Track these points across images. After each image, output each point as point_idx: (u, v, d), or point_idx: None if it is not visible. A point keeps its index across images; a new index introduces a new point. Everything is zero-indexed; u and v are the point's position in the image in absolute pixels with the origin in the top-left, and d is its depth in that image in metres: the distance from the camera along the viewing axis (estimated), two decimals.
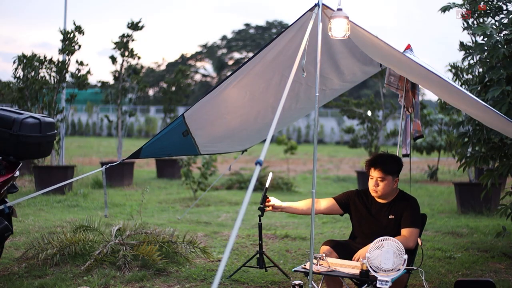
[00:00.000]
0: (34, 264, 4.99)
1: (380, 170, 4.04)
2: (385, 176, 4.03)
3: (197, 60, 50.00)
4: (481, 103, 3.99)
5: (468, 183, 8.98)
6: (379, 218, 4.10)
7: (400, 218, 4.03)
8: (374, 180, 4.07)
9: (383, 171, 4.04)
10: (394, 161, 4.13)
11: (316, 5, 3.60)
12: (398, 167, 4.13)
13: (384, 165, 4.05)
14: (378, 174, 4.04)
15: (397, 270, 3.59)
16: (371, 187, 4.10)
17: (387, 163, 4.07)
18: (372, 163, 4.10)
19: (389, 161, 4.10)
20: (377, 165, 4.05)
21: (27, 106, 9.92)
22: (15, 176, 4.44)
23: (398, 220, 4.04)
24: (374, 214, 4.11)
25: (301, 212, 4.25)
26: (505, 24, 5.31)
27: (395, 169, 4.09)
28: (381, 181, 4.04)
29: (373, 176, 4.07)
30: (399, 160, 4.19)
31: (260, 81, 4.41)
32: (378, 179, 4.04)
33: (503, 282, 4.85)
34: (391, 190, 4.09)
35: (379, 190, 4.06)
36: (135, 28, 11.84)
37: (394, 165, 4.10)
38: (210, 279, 4.86)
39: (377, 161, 4.08)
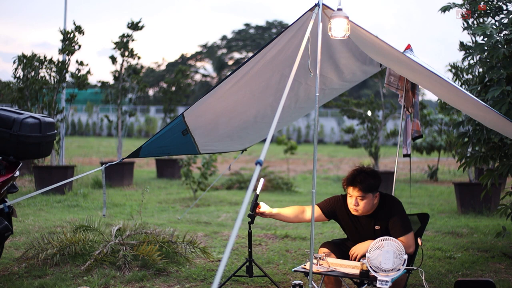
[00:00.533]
0: (34, 264, 4.99)
1: (359, 189, 3.88)
2: (365, 195, 3.90)
3: (197, 60, 49.99)
4: (481, 103, 4.00)
5: (468, 183, 8.98)
6: (365, 229, 4.04)
7: (386, 226, 3.96)
8: (354, 199, 3.92)
9: (363, 190, 3.89)
10: (373, 177, 3.94)
11: (316, 5, 3.60)
12: (377, 183, 3.96)
13: (364, 183, 3.88)
14: (357, 193, 3.90)
15: (397, 270, 3.59)
16: (351, 206, 3.96)
17: (366, 181, 3.89)
18: (351, 182, 3.92)
19: (368, 178, 3.91)
20: (356, 184, 3.89)
21: (27, 106, 9.92)
22: (15, 176, 4.44)
23: (384, 229, 3.97)
24: (360, 224, 4.04)
25: (289, 220, 4.16)
26: (505, 24, 5.31)
27: (375, 185, 3.93)
28: (361, 200, 3.91)
29: (352, 195, 3.93)
30: (377, 175, 4.01)
31: (260, 80, 4.41)
32: (358, 198, 3.91)
33: (503, 282, 4.85)
34: (371, 207, 3.96)
35: (360, 209, 3.93)
36: (135, 28, 11.84)
37: (373, 181, 3.92)
38: (210, 279, 4.86)
39: (356, 180, 3.90)
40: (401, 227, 3.90)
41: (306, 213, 4.16)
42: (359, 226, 4.05)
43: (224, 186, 11.97)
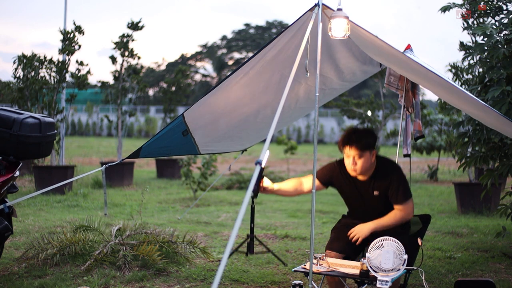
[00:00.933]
0: (34, 264, 5.00)
1: (356, 147, 3.84)
2: (362, 153, 3.85)
3: (197, 60, 50.01)
4: (481, 103, 4.00)
5: (468, 183, 8.98)
6: (364, 195, 3.98)
7: (385, 192, 3.91)
8: (351, 159, 3.88)
9: (360, 148, 3.84)
10: (369, 135, 3.92)
11: (316, 5, 3.60)
12: (374, 140, 3.92)
13: (360, 141, 3.84)
14: (354, 152, 3.85)
15: (397, 270, 3.59)
16: (349, 167, 3.92)
17: (362, 139, 3.85)
18: (346, 141, 3.88)
19: (364, 136, 3.87)
20: (352, 143, 3.85)
21: (27, 106, 9.92)
22: (15, 176, 4.44)
23: (383, 195, 3.92)
24: (359, 189, 3.99)
25: (289, 194, 4.15)
26: (505, 24, 5.31)
27: (371, 143, 3.89)
28: (359, 158, 3.86)
29: (350, 154, 3.88)
30: (372, 133, 3.98)
31: (260, 80, 4.41)
32: (356, 157, 3.86)
33: (503, 282, 4.85)
34: (370, 165, 3.92)
35: (358, 168, 3.88)
36: (135, 28, 11.84)
37: (369, 139, 3.89)
38: (210, 279, 4.87)
39: (352, 138, 3.86)
40: (402, 195, 3.88)
41: (304, 184, 4.13)
42: (357, 189, 3.99)
43: (224, 186, 11.97)
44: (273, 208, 9.22)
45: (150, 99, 43.38)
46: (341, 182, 4.05)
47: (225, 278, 4.93)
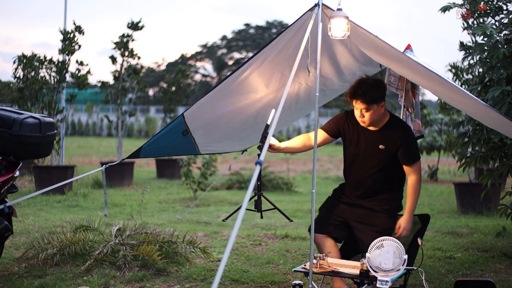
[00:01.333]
0: (34, 264, 5.00)
1: (362, 101, 3.81)
2: (369, 106, 3.83)
3: (197, 60, 50.00)
4: (481, 103, 3.99)
5: (468, 183, 8.98)
6: (369, 147, 3.97)
7: (391, 148, 3.90)
8: (359, 111, 3.87)
9: (366, 101, 3.81)
10: (376, 87, 3.86)
11: (316, 5, 3.60)
12: (382, 92, 3.88)
13: (366, 95, 3.80)
14: (361, 105, 3.83)
15: (397, 270, 3.59)
16: (358, 119, 3.92)
17: (369, 93, 3.81)
18: (353, 94, 3.84)
19: (370, 90, 3.82)
20: (358, 97, 3.81)
21: (27, 106, 9.92)
22: (15, 176, 4.44)
23: (388, 150, 3.92)
24: (364, 141, 3.97)
25: (297, 150, 4.14)
26: (505, 24, 5.31)
27: (379, 95, 3.85)
28: (366, 111, 3.84)
29: (357, 107, 3.87)
30: (381, 85, 3.93)
31: (260, 80, 4.41)
32: (363, 110, 3.85)
33: (503, 282, 4.85)
34: (379, 116, 3.90)
35: (366, 120, 3.88)
36: (135, 28, 11.84)
37: (377, 92, 3.85)
38: (210, 279, 4.87)
39: (358, 92, 3.81)
40: (415, 155, 3.96)
41: (311, 139, 4.11)
42: (363, 139, 3.97)
43: (224, 186, 11.97)
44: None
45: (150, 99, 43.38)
46: (349, 129, 4.02)
47: (225, 278, 4.93)
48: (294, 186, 11.98)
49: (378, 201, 4.05)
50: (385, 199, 4.05)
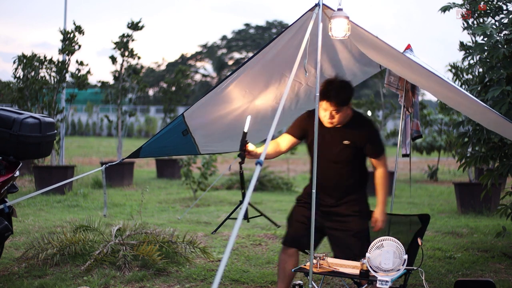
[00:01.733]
0: (34, 264, 4.99)
1: (335, 103, 3.73)
2: (340, 108, 3.77)
3: (197, 60, 49.99)
4: (480, 104, 3.99)
5: (468, 183, 8.98)
6: (332, 143, 3.90)
7: (356, 144, 3.86)
8: (328, 112, 3.78)
9: (339, 104, 3.74)
10: (347, 89, 3.82)
11: (316, 5, 3.60)
12: (351, 94, 3.85)
13: (338, 97, 3.73)
14: (332, 107, 3.75)
15: (397, 270, 3.59)
16: (325, 120, 3.81)
17: (340, 95, 3.74)
18: (325, 96, 3.73)
19: (342, 92, 3.76)
20: (331, 99, 3.73)
21: (27, 106, 9.92)
22: (15, 176, 4.44)
23: (354, 145, 3.87)
24: (327, 138, 3.89)
25: (270, 156, 4.14)
26: (505, 24, 5.31)
27: (349, 97, 3.82)
28: (337, 113, 3.78)
29: (327, 109, 3.77)
30: (350, 86, 3.88)
31: (260, 80, 4.41)
32: (333, 112, 3.77)
33: (503, 282, 4.85)
34: (346, 116, 3.86)
35: (335, 121, 3.81)
36: (135, 28, 11.84)
37: (348, 94, 3.81)
38: (210, 279, 4.87)
39: (330, 94, 3.72)
40: (380, 148, 3.95)
41: (280, 144, 4.12)
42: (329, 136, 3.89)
43: (224, 186, 11.97)
44: (273, 208, 9.21)
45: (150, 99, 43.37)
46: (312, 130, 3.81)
47: (225, 278, 4.93)
48: (294, 186, 11.98)
49: (347, 204, 3.95)
50: (354, 200, 3.97)
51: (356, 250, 3.82)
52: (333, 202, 3.95)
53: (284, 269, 3.96)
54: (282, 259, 4.00)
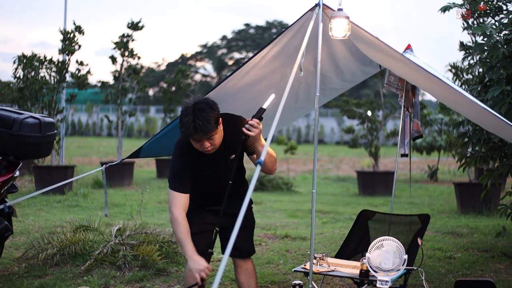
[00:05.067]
0: (34, 264, 5.00)
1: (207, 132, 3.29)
2: (214, 133, 3.34)
3: (197, 60, 49.97)
4: (480, 105, 3.98)
5: (468, 183, 8.98)
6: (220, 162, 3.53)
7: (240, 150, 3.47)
8: (203, 142, 3.33)
9: (211, 130, 3.30)
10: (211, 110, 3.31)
11: (316, 5, 3.60)
12: (218, 111, 3.37)
13: (207, 125, 3.26)
14: (207, 135, 3.31)
15: (397, 270, 3.59)
16: (203, 149, 3.38)
17: (208, 121, 3.27)
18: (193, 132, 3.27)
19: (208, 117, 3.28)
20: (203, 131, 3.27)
21: (27, 106, 9.92)
22: (15, 176, 4.44)
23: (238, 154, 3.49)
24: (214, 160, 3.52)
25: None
26: (505, 24, 5.31)
27: (218, 116, 3.36)
28: (212, 139, 3.35)
29: (201, 139, 3.33)
30: (213, 104, 3.36)
31: (260, 80, 4.41)
32: (209, 139, 3.33)
33: (503, 282, 4.85)
34: (222, 134, 3.43)
35: (214, 147, 3.39)
36: (135, 28, 11.84)
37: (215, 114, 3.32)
38: (210, 279, 4.86)
39: (197, 127, 3.25)
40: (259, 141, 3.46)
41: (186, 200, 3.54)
42: (213, 162, 3.53)
43: None
44: (273, 208, 9.22)
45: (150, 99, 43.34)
46: (195, 164, 3.52)
47: (225, 278, 4.93)
48: (294, 186, 11.99)
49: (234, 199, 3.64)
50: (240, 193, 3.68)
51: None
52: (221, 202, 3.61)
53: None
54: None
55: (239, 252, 3.68)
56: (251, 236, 3.81)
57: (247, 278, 3.75)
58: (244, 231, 3.57)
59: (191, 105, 3.31)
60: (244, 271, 3.77)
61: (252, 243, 3.82)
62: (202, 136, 3.31)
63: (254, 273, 3.79)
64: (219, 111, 3.39)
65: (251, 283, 3.75)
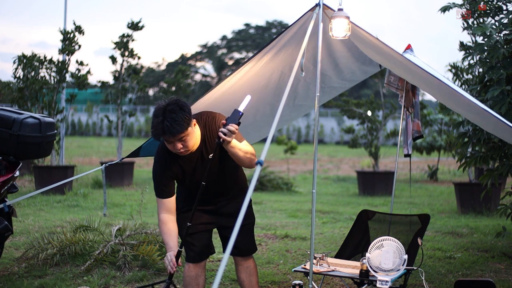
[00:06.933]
0: (34, 264, 5.00)
1: (177, 133, 3.25)
2: (186, 133, 3.30)
3: (197, 60, 49.96)
4: (480, 106, 3.97)
5: (468, 183, 8.98)
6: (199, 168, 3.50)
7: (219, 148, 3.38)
8: (175, 144, 3.31)
9: (181, 131, 3.26)
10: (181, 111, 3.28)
11: (316, 5, 3.61)
12: (189, 111, 3.32)
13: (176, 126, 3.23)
14: (177, 137, 3.28)
15: (397, 270, 3.59)
16: (176, 151, 3.35)
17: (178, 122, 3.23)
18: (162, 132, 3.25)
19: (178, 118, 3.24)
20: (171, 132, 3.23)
21: (27, 106, 9.92)
22: (15, 176, 4.44)
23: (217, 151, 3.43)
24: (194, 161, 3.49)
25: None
26: (505, 24, 5.31)
27: (189, 117, 3.31)
28: (185, 139, 3.32)
29: (172, 141, 3.30)
30: (183, 104, 3.32)
31: (260, 79, 4.41)
32: (180, 140, 3.31)
33: (503, 282, 4.85)
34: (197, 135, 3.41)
35: (189, 147, 3.36)
36: (135, 28, 11.84)
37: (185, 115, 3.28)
38: (210, 279, 4.87)
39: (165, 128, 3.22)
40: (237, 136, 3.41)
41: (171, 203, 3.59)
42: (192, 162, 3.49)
43: None
44: (273, 208, 9.21)
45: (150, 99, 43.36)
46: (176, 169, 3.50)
47: (225, 278, 4.93)
48: (294, 186, 11.98)
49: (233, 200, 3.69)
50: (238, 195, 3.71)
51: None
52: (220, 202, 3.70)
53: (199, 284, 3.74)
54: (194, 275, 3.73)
55: (239, 251, 3.69)
56: (252, 234, 3.81)
57: (248, 276, 3.76)
58: (244, 229, 3.54)
59: (162, 107, 3.30)
60: (245, 269, 3.77)
61: (253, 241, 3.81)
62: (171, 137, 3.28)
63: (256, 271, 3.79)
64: (190, 113, 3.34)
65: (252, 281, 3.75)
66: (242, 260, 3.77)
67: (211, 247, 3.80)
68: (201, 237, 3.70)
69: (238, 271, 3.80)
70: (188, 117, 3.31)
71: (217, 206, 3.69)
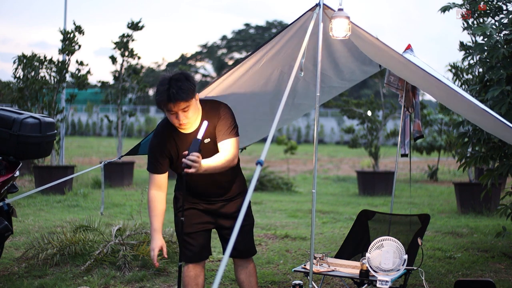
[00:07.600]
0: (34, 264, 5.00)
1: (180, 101, 3.29)
2: (189, 103, 3.33)
3: (197, 60, 49.98)
4: (480, 107, 3.97)
5: (468, 183, 8.98)
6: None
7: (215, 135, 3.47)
8: (178, 114, 3.34)
9: (185, 99, 3.30)
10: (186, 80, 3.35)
11: (317, 5, 3.60)
12: (194, 83, 3.39)
13: (182, 92, 3.28)
14: (181, 106, 3.31)
15: (397, 270, 3.59)
16: (178, 124, 3.39)
17: (183, 89, 3.28)
18: (167, 99, 3.28)
19: (183, 85, 3.30)
20: (176, 98, 3.27)
21: (27, 106, 9.92)
22: (15, 176, 4.45)
23: (213, 141, 3.49)
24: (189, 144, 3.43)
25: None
26: (505, 24, 5.31)
27: (193, 87, 3.37)
28: (187, 110, 3.35)
29: (175, 110, 3.33)
30: (189, 76, 3.40)
31: (260, 78, 4.40)
32: (183, 111, 3.33)
33: (503, 282, 4.85)
34: (198, 111, 3.46)
35: (189, 121, 3.38)
36: (135, 28, 11.84)
37: (190, 84, 3.35)
38: (210, 279, 4.87)
39: (171, 94, 3.27)
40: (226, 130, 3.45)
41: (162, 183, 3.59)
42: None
43: None
44: (273, 208, 9.21)
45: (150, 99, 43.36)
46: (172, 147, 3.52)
47: (225, 278, 4.93)
48: (294, 186, 11.98)
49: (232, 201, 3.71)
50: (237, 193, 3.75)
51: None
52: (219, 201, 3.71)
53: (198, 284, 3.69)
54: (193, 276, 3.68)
55: (238, 252, 3.68)
56: (251, 235, 3.80)
57: (247, 277, 3.75)
58: (243, 230, 3.49)
59: (168, 76, 3.36)
60: (244, 269, 3.76)
61: (252, 242, 3.80)
62: (175, 106, 3.30)
63: (255, 272, 3.78)
64: (195, 84, 3.40)
65: (251, 281, 3.75)
66: (241, 261, 3.77)
67: (209, 248, 3.79)
68: (200, 237, 3.69)
69: (237, 271, 3.80)
70: (193, 87, 3.37)
71: (217, 206, 3.69)
